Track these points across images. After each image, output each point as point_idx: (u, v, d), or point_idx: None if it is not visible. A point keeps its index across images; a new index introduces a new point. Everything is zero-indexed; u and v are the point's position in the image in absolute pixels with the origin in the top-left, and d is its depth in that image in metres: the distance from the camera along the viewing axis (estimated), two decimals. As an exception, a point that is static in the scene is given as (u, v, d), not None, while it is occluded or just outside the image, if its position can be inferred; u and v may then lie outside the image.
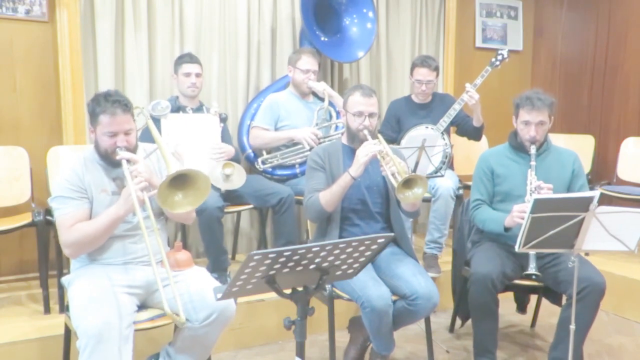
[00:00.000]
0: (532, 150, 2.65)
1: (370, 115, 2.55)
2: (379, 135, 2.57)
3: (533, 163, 2.62)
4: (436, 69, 3.69)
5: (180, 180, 2.04)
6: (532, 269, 2.48)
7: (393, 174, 2.37)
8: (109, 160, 2.21)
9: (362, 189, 2.59)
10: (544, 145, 2.74)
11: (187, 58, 3.34)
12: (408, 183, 2.32)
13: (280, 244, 3.26)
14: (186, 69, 3.30)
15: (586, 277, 2.42)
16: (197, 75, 3.32)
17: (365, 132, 2.53)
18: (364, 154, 2.43)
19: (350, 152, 2.59)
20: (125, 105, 2.18)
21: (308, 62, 3.51)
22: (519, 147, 2.75)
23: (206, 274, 2.35)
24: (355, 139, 2.58)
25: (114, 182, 2.25)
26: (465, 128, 3.73)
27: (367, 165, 2.47)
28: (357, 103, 2.56)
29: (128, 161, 2.14)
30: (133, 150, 2.21)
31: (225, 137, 3.36)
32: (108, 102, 2.14)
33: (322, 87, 3.52)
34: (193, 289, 2.20)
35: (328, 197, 2.49)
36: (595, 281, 2.44)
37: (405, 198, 2.35)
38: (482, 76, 3.56)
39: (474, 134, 3.73)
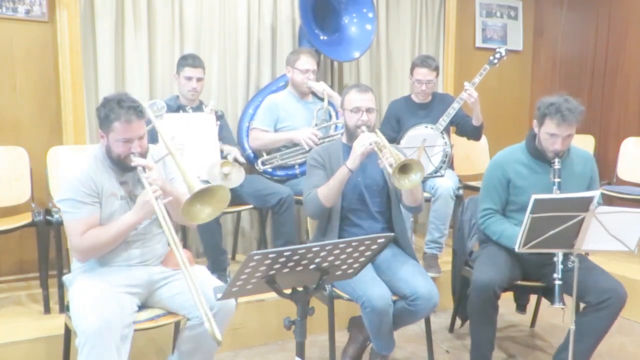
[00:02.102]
0: (557, 165, 2.48)
1: (368, 110, 2.55)
2: (377, 131, 2.56)
3: (558, 180, 2.47)
4: (436, 68, 3.68)
5: (201, 194, 2.05)
6: (558, 305, 2.35)
7: (391, 165, 2.35)
8: (121, 165, 2.19)
9: (361, 187, 2.58)
10: (565, 153, 2.59)
11: (190, 61, 3.28)
12: (404, 169, 2.31)
13: (279, 244, 3.26)
14: (188, 73, 3.26)
15: (609, 287, 2.40)
16: (199, 80, 3.28)
17: (364, 128, 2.52)
18: (360, 144, 2.43)
19: (350, 151, 2.59)
20: (140, 111, 2.15)
21: (307, 62, 3.49)
22: (538, 155, 2.59)
23: (206, 272, 2.36)
24: (353, 137, 2.57)
25: (122, 186, 2.23)
26: (465, 128, 3.72)
27: (366, 164, 2.47)
28: (353, 99, 2.56)
29: (143, 168, 2.13)
30: (145, 154, 2.20)
31: (225, 134, 3.35)
32: (122, 108, 2.10)
33: (321, 87, 3.50)
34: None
35: (326, 191, 2.48)
36: (619, 292, 2.41)
37: (402, 185, 2.33)
38: (480, 74, 3.55)
39: (474, 133, 3.72)
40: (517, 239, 2.18)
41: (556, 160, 2.49)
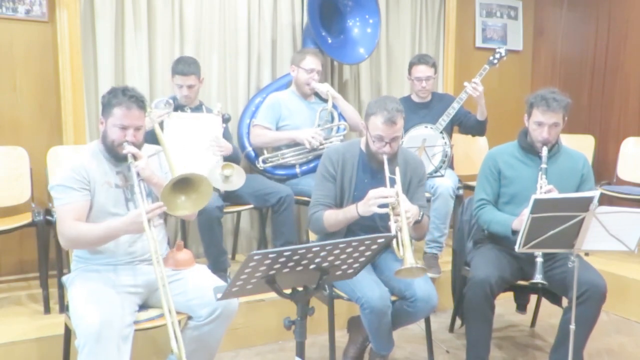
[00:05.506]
0: (544, 152, 2.55)
1: (393, 140, 2.37)
2: (397, 170, 2.37)
3: (544, 166, 2.53)
4: (434, 65, 3.70)
5: (183, 184, 2.12)
6: (538, 278, 2.39)
7: (400, 230, 2.24)
8: (114, 153, 2.24)
9: None
10: (555, 147, 2.65)
11: (180, 68, 3.19)
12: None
13: (279, 243, 3.26)
14: (178, 81, 3.20)
15: (587, 280, 2.41)
16: (189, 87, 3.20)
17: (384, 157, 2.37)
18: (376, 203, 2.28)
19: (367, 165, 2.51)
20: (142, 102, 2.23)
21: (312, 62, 3.48)
22: (529, 148, 2.67)
23: (208, 272, 2.38)
24: (372, 159, 2.45)
25: (117, 175, 2.28)
26: (469, 124, 3.72)
27: (381, 179, 2.36)
28: (378, 128, 2.35)
29: (133, 156, 2.19)
30: (139, 147, 2.25)
31: (226, 138, 3.35)
32: (125, 96, 2.19)
33: (325, 89, 3.50)
34: (196, 286, 2.22)
35: (332, 221, 2.44)
36: (596, 284, 2.42)
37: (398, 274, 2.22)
38: (480, 74, 3.56)
39: (478, 128, 3.70)
40: (517, 239, 2.18)
41: (544, 148, 2.57)
